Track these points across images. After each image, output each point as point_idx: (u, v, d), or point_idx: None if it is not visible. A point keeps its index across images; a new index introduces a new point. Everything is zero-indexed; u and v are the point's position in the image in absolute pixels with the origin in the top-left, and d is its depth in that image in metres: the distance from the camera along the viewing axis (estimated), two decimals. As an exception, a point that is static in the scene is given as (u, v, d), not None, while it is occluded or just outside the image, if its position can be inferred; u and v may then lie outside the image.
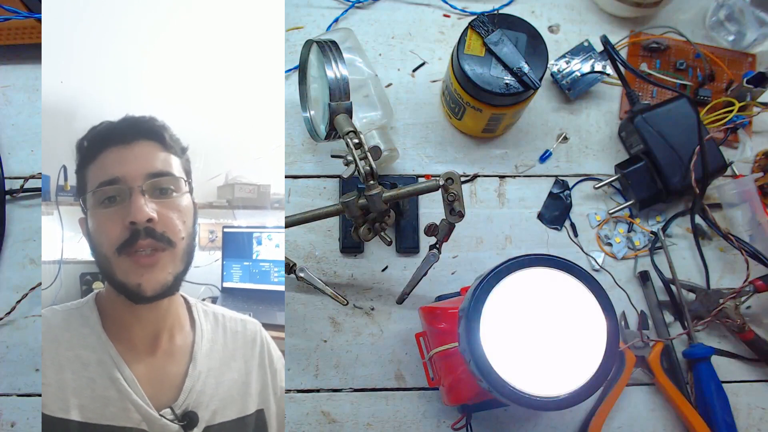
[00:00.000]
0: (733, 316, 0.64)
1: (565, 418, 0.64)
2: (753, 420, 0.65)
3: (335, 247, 0.67)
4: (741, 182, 0.66)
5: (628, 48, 0.73)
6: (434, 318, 0.58)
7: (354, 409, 0.64)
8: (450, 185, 0.52)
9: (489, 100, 0.60)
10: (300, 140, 0.69)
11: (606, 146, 0.71)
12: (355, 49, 0.66)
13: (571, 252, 0.68)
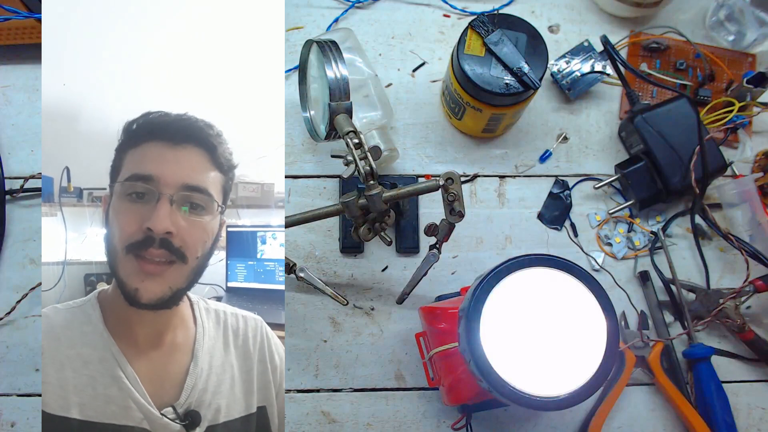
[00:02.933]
0: (733, 316, 0.64)
1: (565, 418, 0.64)
2: (753, 420, 0.65)
3: (335, 247, 0.67)
4: (741, 182, 0.66)
5: (628, 48, 0.73)
6: (434, 318, 0.58)
7: (354, 409, 0.64)
8: (450, 185, 0.52)
9: (489, 100, 0.60)
10: (300, 140, 0.69)
11: (606, 146, 0.71)
12: (355, 49, 0.66)
13: (571, 252, 0.68)
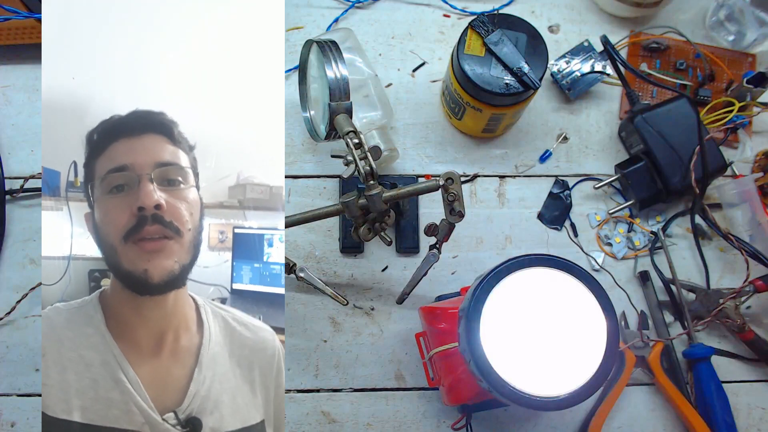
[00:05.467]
0: (733, 316, 0.64)
1: (565, 418, 0.64)
2: (753, 420, 0.65)
3: (335, 247, 0.67)
4: (741, 182, 0.66)
5: (628, 48, 0.73)
6: (434, 318, 0.58)
7: (354, 409, 0.64)
8: (450, 185, 0.52)
9: (489, 100, 0.60)
10: (300, 140, 0.69)
11: (606, 146, 0.71)
12: (355, 49, 0.66)
13: (571, 252, 0.68)
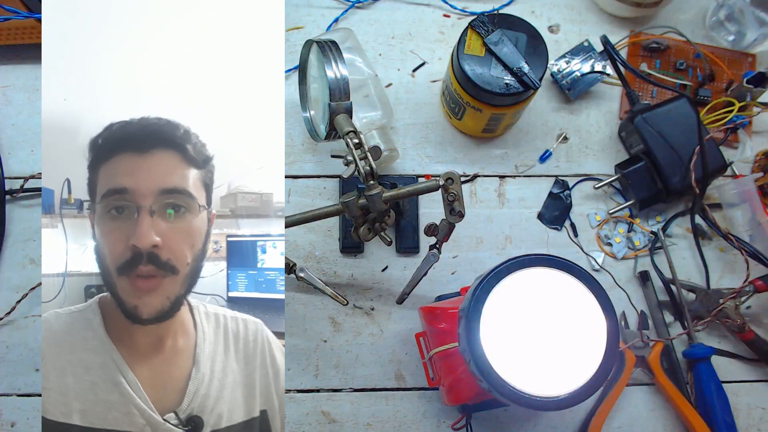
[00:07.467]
0: (733, 316, 0.64)
1: (565, 418, 0.64)
2: (753, 420, 0.65)
3: (335, 247, 0.67)
4: (741, 182, 0.66)
5: (628, 48, 0.73)
6: (434, 318, 0.58)
7: (354, 409, 0.64)
8: (450, 185, 0.52)
9: (489, 100, 0.60)
10: (300, 140, 0.69)
11: (606, 146, 0.71)
12: (355, 49, 0.66)
13: (571, 252, 0.68)
